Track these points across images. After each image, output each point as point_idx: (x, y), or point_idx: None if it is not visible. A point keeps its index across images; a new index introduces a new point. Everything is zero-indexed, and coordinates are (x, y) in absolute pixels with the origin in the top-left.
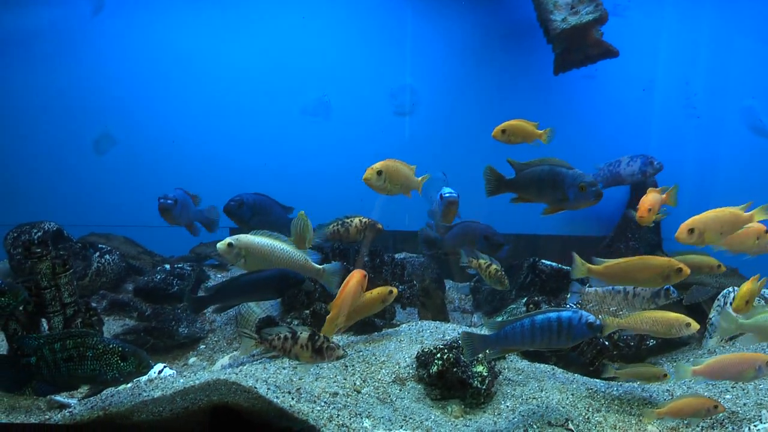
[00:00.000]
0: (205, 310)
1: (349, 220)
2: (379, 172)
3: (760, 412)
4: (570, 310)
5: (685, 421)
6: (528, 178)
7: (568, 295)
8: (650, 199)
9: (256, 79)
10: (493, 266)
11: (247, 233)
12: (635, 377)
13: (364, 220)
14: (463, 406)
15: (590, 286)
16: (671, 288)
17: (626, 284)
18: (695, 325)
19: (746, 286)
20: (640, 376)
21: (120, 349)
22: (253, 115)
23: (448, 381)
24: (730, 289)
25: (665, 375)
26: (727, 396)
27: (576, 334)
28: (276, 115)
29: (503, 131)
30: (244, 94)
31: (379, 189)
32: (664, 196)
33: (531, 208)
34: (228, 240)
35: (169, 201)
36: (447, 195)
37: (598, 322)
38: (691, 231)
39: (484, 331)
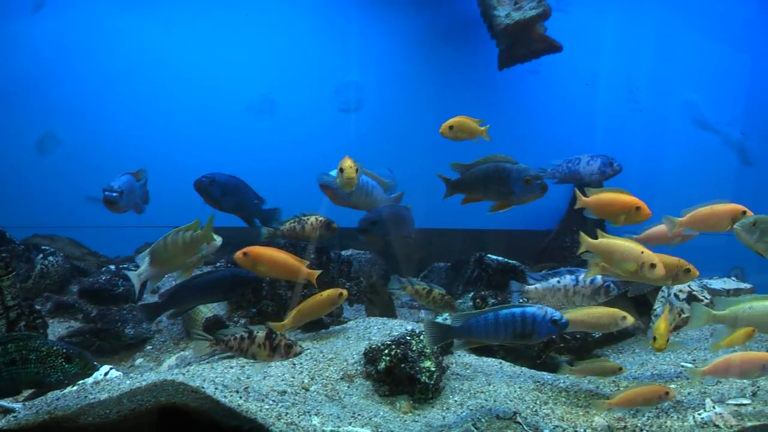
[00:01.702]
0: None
1: (305, 218)
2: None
3: (704, 400)
4: (535, 306)
5: (632, 411)
6: (474, 177)
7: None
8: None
9: (201, 76)
10: (435, 291)
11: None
12: (591, 374)
13: (320, 218)
14: (411, 402)
15: (531, 284)
16: (611, 285)
17: (635, 280)
18: (630, 318)
19: (662, 324)
20: (596, 372)
21: (64, 351)
22: (198, 112)
23: (397, 377)
24: None
25: (620, 369)
26: (672, 386)
27: (541, 331)
28: (221, 113)
29: (450, 128)
30: (189, 92)
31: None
32: None
33: (478, 202)
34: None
35: (114, 194)
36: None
37: (564, 319)
38: None
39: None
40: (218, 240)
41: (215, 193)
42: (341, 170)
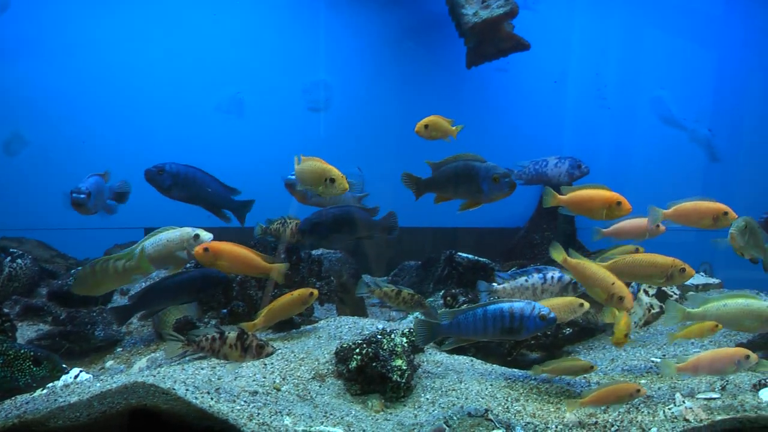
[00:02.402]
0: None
1: (289, 221)
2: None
3: (674, 395)
4: (523, 302)
5: (603, 408)
6: (444, 176)
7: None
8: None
9: (170, 77)
10: (405, 291)
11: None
12: (562, 373)
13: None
14: (383, 401)
15: (499, 283)
16: (578, 283)
17: (630, 280)
18: (586, 305)
19: (624, 321)
20: (567, 372)
21: (32, 353)
22: (167, 113)
23: (368, 376)
24: None
25: (591, 367)
26: (642, 381)
27: (529, 326)
28: (190, 113)
29: (426, 126)
30: (158, 93)
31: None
32: None
33: (448, 201)
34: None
35: (81, 195)
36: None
37: (552, 314)
38: None
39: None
40: (208, 237)
41: (164, 183)
42: (332, 180)
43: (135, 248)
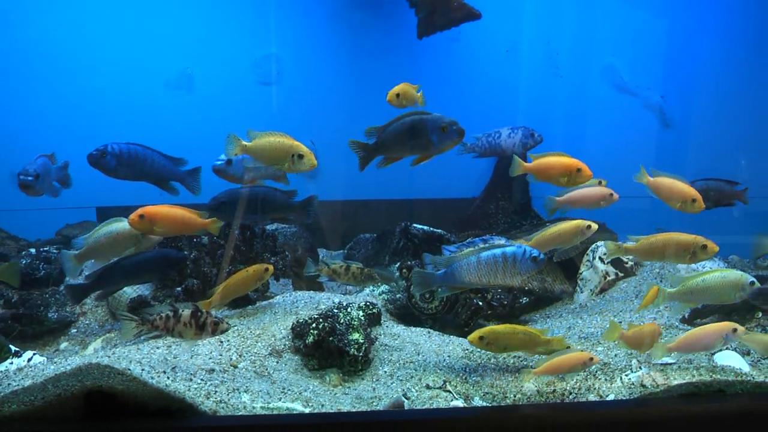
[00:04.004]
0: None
1: None
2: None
3: (631, 361)
4: (514, 246)
5: (561, 376)
6: (391, 135)
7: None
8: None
9: (116, 54)
10: (354, 266)
11: None
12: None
13: None
14: (341, 375)
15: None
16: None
17: (657, 260)
18: (594, 226)
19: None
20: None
21: None
22: (115, 90)
23: (325, 350)
24: (599, 243)
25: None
26: (599, 348)
27: (521, 269)
28: (139, 90)
29: (398, 95)
30: (105, 71)
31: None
32: None
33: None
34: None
35: (29, 178)
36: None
37: (542, 255)
38: None
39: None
40: None
41: (110, 165)
42: (300, 156)
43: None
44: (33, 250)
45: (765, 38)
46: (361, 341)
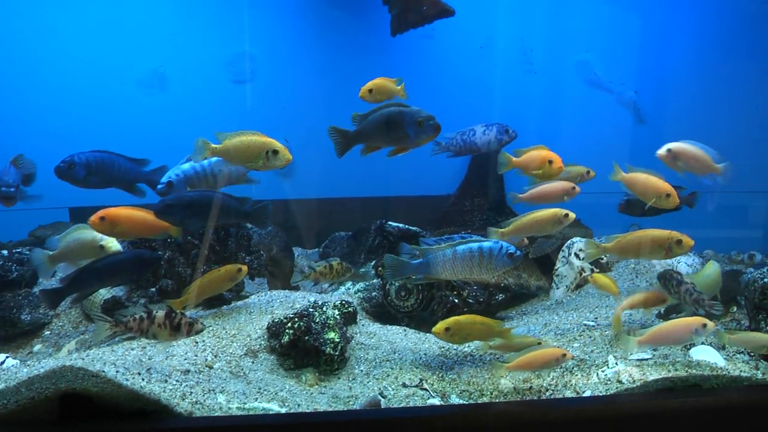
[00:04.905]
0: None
1: None
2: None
3: (608, 357)
4: (491, 241)
5: (536, 372)
6: (370, 126)
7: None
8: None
9: (88, 53)
10: (335, 263)
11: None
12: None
13: None
14: (317, 374)
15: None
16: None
17: (633, 257)
18: (572, 215)
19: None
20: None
21: None
22: (87, 90)
23: (301, 350)
24: (575, 239)
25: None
26: (575, 344)
27: (497, 264)
28: (110, 90)
29: (370, 91)
30: (76, 70)
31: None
32: None
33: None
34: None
35: (11, 189)
36: None
37: (518, 252)
38: None
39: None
40: None
41: (78, 175)
42: (275, 152)
43: None
44: (5, 252)
45: (738, 34)
46: (337, 340)
